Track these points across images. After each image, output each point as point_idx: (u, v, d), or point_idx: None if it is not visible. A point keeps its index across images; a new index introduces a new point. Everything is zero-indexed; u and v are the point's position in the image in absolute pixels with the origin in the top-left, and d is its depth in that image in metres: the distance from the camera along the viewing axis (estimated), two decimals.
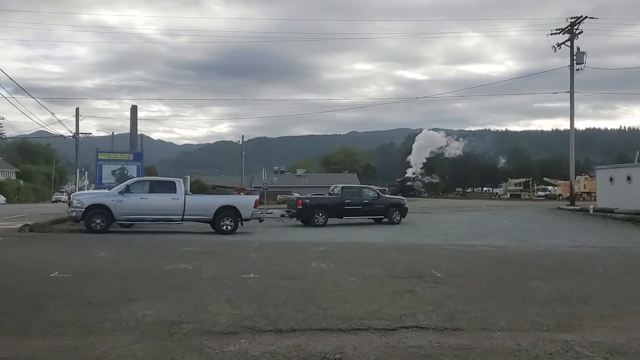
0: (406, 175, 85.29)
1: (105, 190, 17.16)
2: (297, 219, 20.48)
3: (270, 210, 21.40)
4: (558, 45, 27.60)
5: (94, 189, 26.32)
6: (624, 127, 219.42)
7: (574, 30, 26.72)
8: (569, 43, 27.20)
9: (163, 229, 16.69)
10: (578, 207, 26.21)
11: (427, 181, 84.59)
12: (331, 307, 5.80)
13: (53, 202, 43.02)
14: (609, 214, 22.42)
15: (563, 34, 27.35)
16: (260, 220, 17.56)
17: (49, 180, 74.33)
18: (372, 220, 21.92)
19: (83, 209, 15.32)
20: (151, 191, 16.05)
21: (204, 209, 16.27)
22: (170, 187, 16.22)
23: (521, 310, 5.92)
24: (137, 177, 20.34)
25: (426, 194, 76.32)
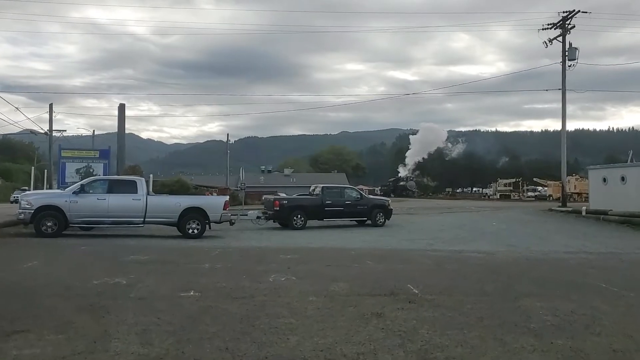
0: (399, 175, 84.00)
1: (58, 190, 15.71)
2: (274, 222, 19.19)
3: (245, 212, 20.04)
4: (550, 41, 26.57)
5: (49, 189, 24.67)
6: (612, 128, 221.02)
7: (566, 25, 25.70)
8: (561, 39, 26.17)
9: (126, 233, 15.31)
10: (570, 209, 25.18)
11: (417, 181, 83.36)
12: (270, 343, 4.53)
13: (11, 202, 40.80)
14: (602, 215, 21.39)
15: (555, 29, 26.33)
16: (232, 223, 16.26)
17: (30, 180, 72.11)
18: (355, 223, 20.73)
19: (32, 211, 13.89)
20: (109, 191, 14.66)
21: (167, 210, 14.91)
22: (130, 187, 14.83)
23: (512, 343, 4.69)
24: (103, 176, 18.95)
25: (416, 195, 75.22)
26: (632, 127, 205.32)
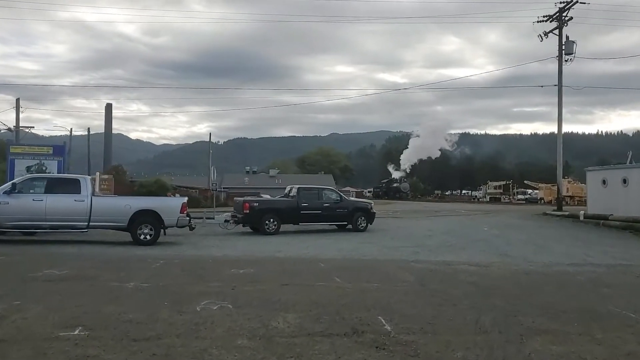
0: (392, 177, 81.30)
1: None
2: (243, 226, 17.34)
3: (212, 215, 18.13)
4: (545, 34, 25.03)
5: None
6: (601, 132, 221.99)
7: (563, 17, 24.17)
8: (557, 31, 24.64)
9: (73, 238, 13.38)
10: (566, 213, 23.63)
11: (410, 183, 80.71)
12: None
13: None
14: (602, 220, 19.84)
15: (551, 21, 24.80)
16: (191, 228, 14.39)
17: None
18: (335, 227, 18.97)
19: None
20: (48, 191, 12.72)
21: (115, 213, 12.99)
22: (72, 187, 12.89)
23: None
24: (56, 173, 16.99)
25: (410, 197, 73.29)
26: (621, 131, 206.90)
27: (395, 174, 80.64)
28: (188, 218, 13.81)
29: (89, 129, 44.68)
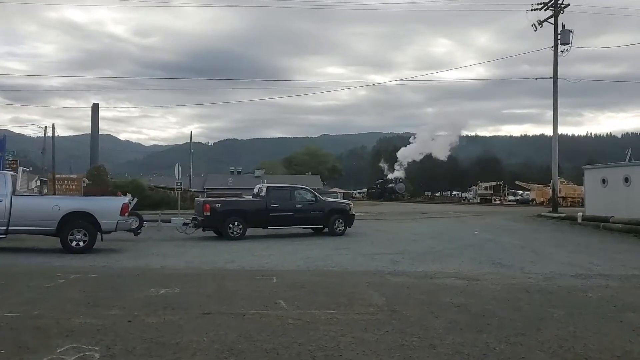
0: (387, 177, 78.36)
1: None
2: (204, 230, 15.38)
3: (169, 218, 16.11)
4: (539, 23, 23.34)
5: None
6: (591, 133, 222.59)
7: (559, 4, 22.47)
8: (552, 20, 22.95)
9: None
10: (563, 214, 21.93)
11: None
12: None
13: None
14: (602, 223, 18.13)
15: (545, 9, 23.11)
16: (136, 233, 12.42)
17: None
18: (311, 231, 17.10)
19: None
20: None
21: (41, 216, 10.98)
22: None
23: None
24: None
25: (405, 198, 71.09)
26: (610, 133, 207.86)
27: (391, 175, 77.91)
28: (131, 221, 11.84)
29: (53, 124, 42.23)
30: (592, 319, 5.91)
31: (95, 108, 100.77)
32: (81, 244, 11.06)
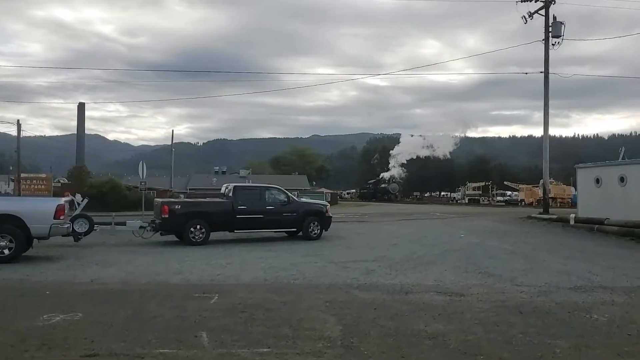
0: (381, 176, 76.29)
1: None
2: (161, 234, 13.89)
3: (124, 221, 14.57)
4: (530, 15, 22.16)
5: None
6: (578, 135, 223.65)
7: None
8: (543, 12, 21.79)
9: None
10: (554, 216, 20.75)
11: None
12: None
13: None
14: (596, 225, 16.95)
15: (536, 1, 21.93)
16: (77, 239, 10.93)
17: None
18: (285, 234, 15.72)
19: None
20: None
21: None
22: None
23: None
24: None
25: (398, 198, 69.46)
26: (597, 134, 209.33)
27: (385, 174, 75.89)
28: (68, 225, 10.33)
29: (18, 120, 40.02)
30: (606, 356, 4.57)
31: (81, 107, 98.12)
32: (6, 251, 9.57)
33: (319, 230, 15.21)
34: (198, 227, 13.46)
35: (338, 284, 8.07)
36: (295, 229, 15.28)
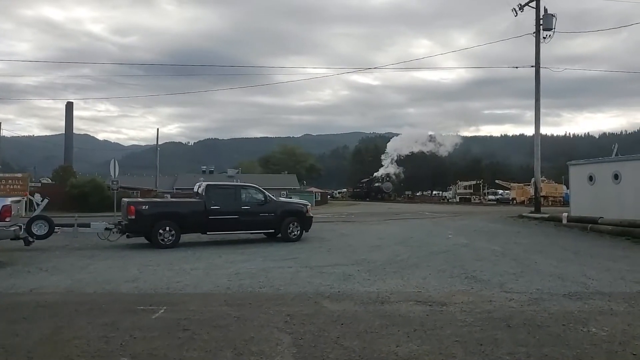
0: (374, 175, 75.04)
1: None
2: (128, 236, 12.97)
3: (88, 222, 13.62)
4: (520, 8, 21.51)
5: None
6: (569, 133, 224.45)
7: None
8: (534, 4, 21.11)
9: None
10: (546, 215, 20.06)
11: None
12: None
13: None
14: (590, 224, 16.27)
15: None
16: (27, 242, 10.01)
17: None
18: (263, 235, 14.88)
19: None
20: None
21: None
22: None
23: None
24: None
25: (392, 197, 68.41)
26: (588, 133, 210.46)
27: (379, 172, 74.77)
28: (15, 228, 9.41)
29: None
30: None
31: (69, 106, 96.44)
32: None
33: (298, 232, 14.37)
34: (167, 228, 12.57)
35: (308, 293, 7.24)
36: (273, 230, 14.45)
